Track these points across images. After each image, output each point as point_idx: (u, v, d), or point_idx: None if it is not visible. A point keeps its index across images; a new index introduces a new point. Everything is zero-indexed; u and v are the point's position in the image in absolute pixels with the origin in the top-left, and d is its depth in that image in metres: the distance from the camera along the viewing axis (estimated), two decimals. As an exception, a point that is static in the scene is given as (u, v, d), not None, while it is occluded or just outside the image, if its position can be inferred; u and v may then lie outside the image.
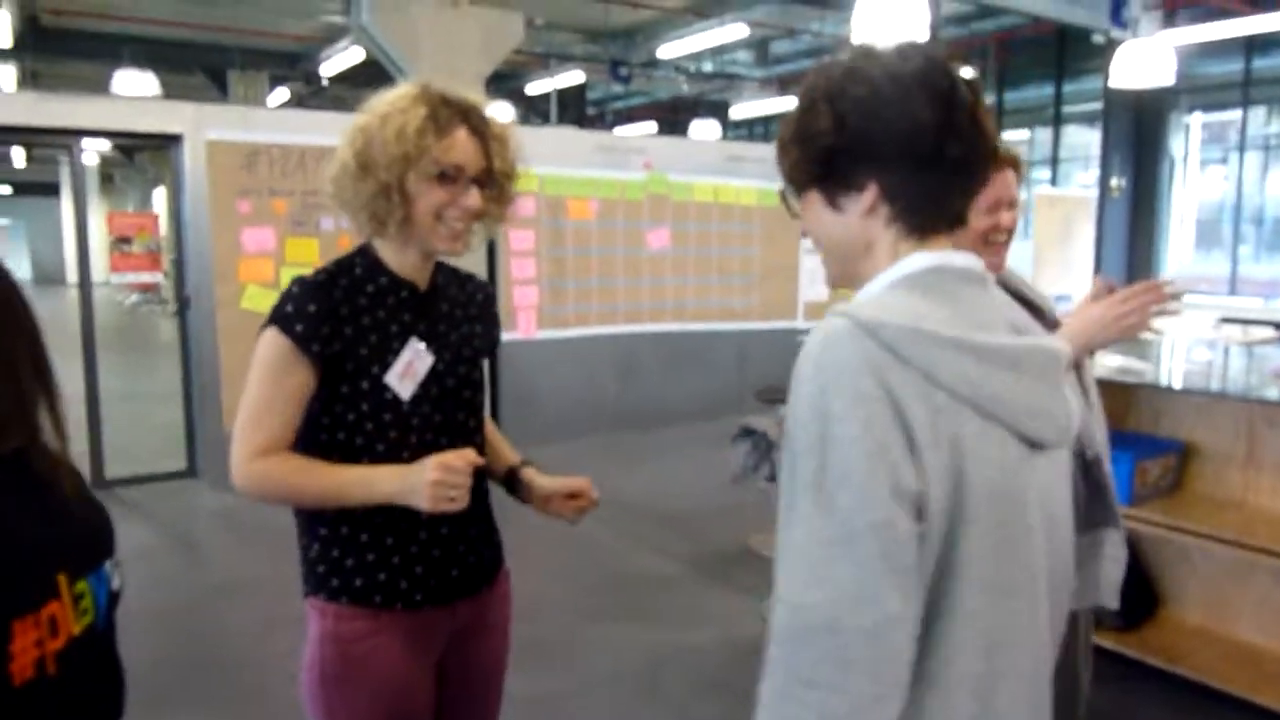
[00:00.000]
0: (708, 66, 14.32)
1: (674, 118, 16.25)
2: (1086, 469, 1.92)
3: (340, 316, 1.50)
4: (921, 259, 0.99)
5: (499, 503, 1.77)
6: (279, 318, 1.49)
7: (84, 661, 1.01)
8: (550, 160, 7.09)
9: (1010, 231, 1.94)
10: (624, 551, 4.84)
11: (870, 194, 1.00)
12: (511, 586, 1.81)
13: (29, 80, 14.10)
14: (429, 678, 1.62)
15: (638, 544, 4.90)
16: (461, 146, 1.52)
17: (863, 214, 1.01)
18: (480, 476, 1.66)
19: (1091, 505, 1.94)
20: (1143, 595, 3.53)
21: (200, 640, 3.81)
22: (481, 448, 1.68)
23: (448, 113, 1.51)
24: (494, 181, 1.58)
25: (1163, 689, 3.21)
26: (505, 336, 6.94)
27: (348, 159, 1.51)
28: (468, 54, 6.63)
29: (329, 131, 6.18)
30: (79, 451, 5.96)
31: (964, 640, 0.91)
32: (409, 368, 1.55)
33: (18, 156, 21.62)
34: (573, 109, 15.10)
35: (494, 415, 6.98)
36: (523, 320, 7.09)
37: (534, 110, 15.39)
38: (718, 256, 7.85)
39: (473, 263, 6.86)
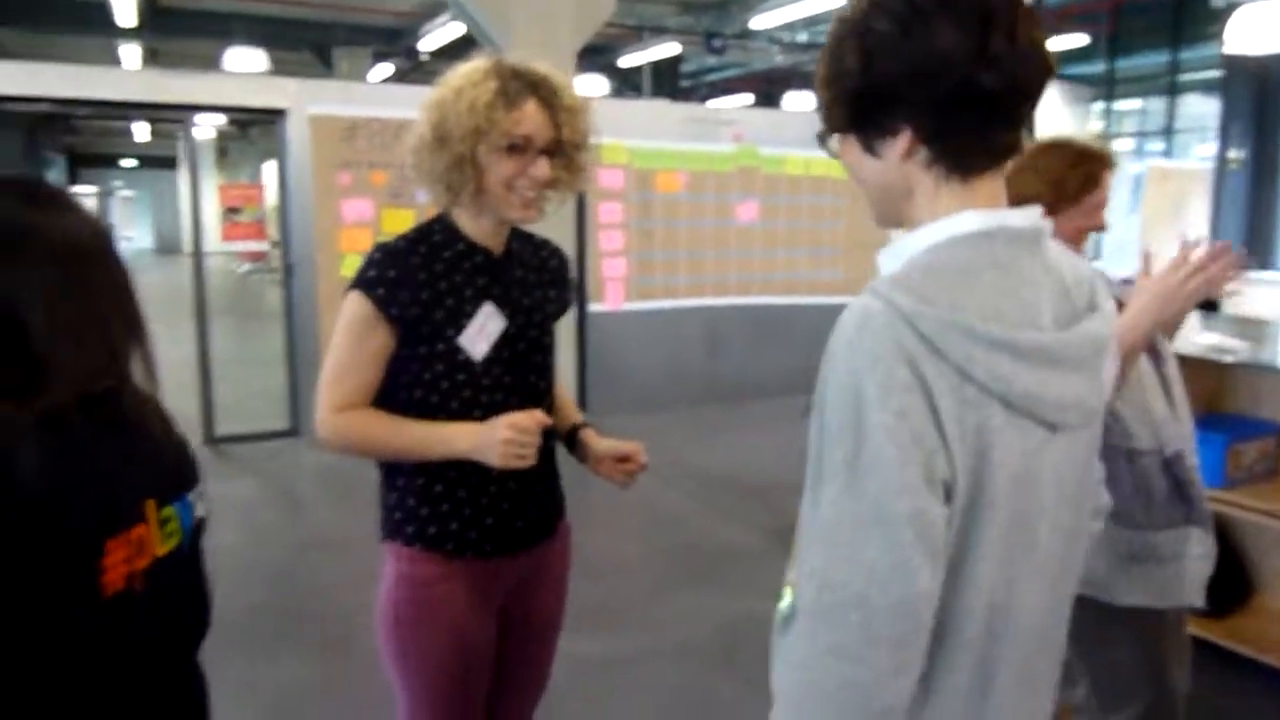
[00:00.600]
0: (802, 37, 14.08)
1: (769, 90, 16.04)
2: (1166, 465, 1.88)
3: (418, 282, 1.58)
4: (970, 220, 0.94)
5: (580, 471, 1.85)
6: (362, 281, 1.58)
7: (169, 580, 1.13)
8: (640, 133, 7.13)
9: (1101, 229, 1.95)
10: (703, 521, 4.90)
11: (905, 137, 0.95)
12: (573, 543, 1.89)
13: (150, 58, 14.80)
14: (492, 624, 1.71)
15: (718, 515, 4.95)
16: (530, 118, 1.58)
17: (900, 157, 0.96)
18: (547, 435, 1.74)
19: (1171, 503, 1.90)
20: (1234, 583, 3.41)
21: (296, 589, 4.04)
22: (550, 408, 1.76)
23: (518, 86, 1.57)
24: (564, 152, 1.64)
25: (1249, 678, 3.12)
26: (593, 308, 7.05)
27: (425, 132, 1.58)
28: (560, 27, 6.69)
29: (419, 105, 6.33)
30: (191, 410, 6.32)
31: (972, 609, 0.92)
32: (481, 330, 1.63)
33: (141, 131, 22.77)
34: (666, 82, 15.06)
35: (580, 385, 7.11)
36: (611, 292, 7.18)
37: (627, 83, 15.42)
38: (807, 229, 7.78)
39: (561, 234, 6.94)
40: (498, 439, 1.50)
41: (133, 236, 26.07)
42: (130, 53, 14.25)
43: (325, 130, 6.14)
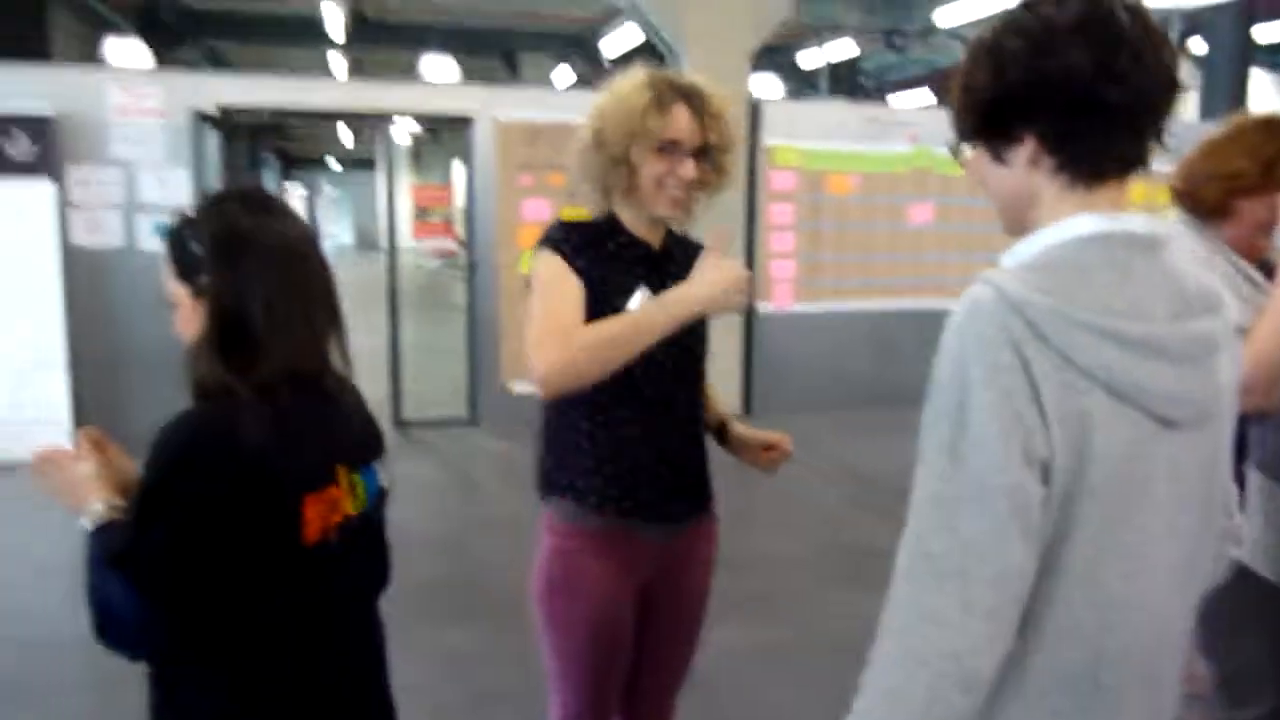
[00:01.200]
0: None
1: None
2: None
3: (590, 254, 1.73)
4: (1087, 223, 0.98)
5: (740, 467, 1.94)
6: (548, 240, 1.74)
7: (357, 536, 1.30)
8: (813, 135, 7.12)
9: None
10: (861, 522, 4.87)
11: (1030, 146, 1.00)
12: (730, 535, 1.97)
13: (355, 67, 15.92)
14: (637, 602, 1.81)
15: (877, 516, 4.90)
16: (680, 122, 1.72)
17: (1025, 166, 1.02)
18: (698, 421, 1.84)
19: None
20: None
21: (470, 564, 4.33)
22: (700, 394, 1.86)
23: (670, 93, 1.72)
24: (710, 154, 1.77)
25: None
26: (761, 308, 7.09)
27: (586, 136, 1.74)
28: (734, 29, 6.77)
29: (602, 109, 6.58)
30: (381, 395, 6.81)
31: (1071, 596, 0.95)
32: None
33: (345, 135, 24.49)
34: (845, 80, 14.85)
35: (746, 384, 7.17)
36: (779, 293, 7.21)
37: (805, 83, 15.30)
38: (984, 233, 7.52)
39: (730, 235, 6.97)
40: (732, 277, 1.61)
41: (335, 233, 28.06)
42: (338, 62, 15.39)
43: (510, 134, 6.48)
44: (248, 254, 1.21)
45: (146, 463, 1.15)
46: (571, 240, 1.73)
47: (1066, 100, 0.96)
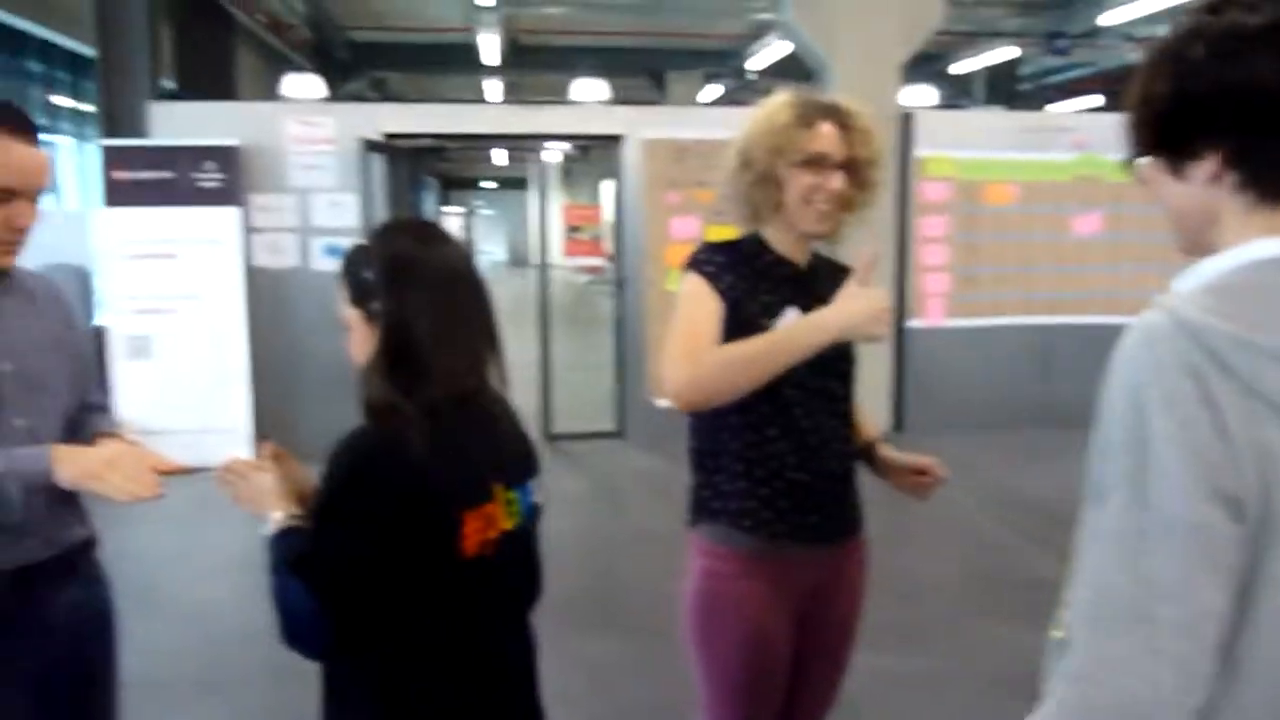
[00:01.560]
0: (1162, 32, 12.77)
1: (1121, 90, 14.69)
2: None
3: (738, 273, 1.75)
4: (1272, 245, 0.91)
5: (891, 490, 1.91)
6: (693, 263, 1.78)
7: (511, 551, 1.36)
8: (968, 144, 6.90)
9: None
10: (1020, 550, 4.66)
11: (1212, 162, 0.93)
12: (882, 559, 1.93)
13: (509, 91, 16.50)
14: (789, 625, 1.80)
15: (1036, 544, 4.68)
16: (825, 137, 1.72)
17: (1206, 182, 0.95)
18: (847, 442, 1.82)
19: None
20: None
21: (617, 576, 4.39)
22: (850, 417, 1.83)
23: (814, 110, 1.74)
24: (857, 169, 1.75)
25: None
26: (911, 324, 6.91)
27: (733, 157, 1.77)
28: (885, 39, 6.65)
29: (749, 125, 6.59)
30: (532, 408, 7.01)
31: (1255, 643, 0.88)
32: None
33: (499, 156, 25.42)
34: (1002, 87, 14.30)
35: (897, 401, 6.99)
36: (931, 307, 7.00)
37: (960, 90, 14.82)
38: (1159, 244, 7.07)
39: (880, 249, 6.83)
40: (873, 308, 1.61)
41: (489, 250, 29.10)
42: (493, 87, 15.99)
43: (657, 152, 6.57)
44: (415, 280, 1.28)
45: (323, 476, 1.24)
46: (716, 261, 1.75)
47: (1253, 113, 0.89)
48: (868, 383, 1.99)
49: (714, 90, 15.17)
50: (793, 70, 9.81)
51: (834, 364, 1.78)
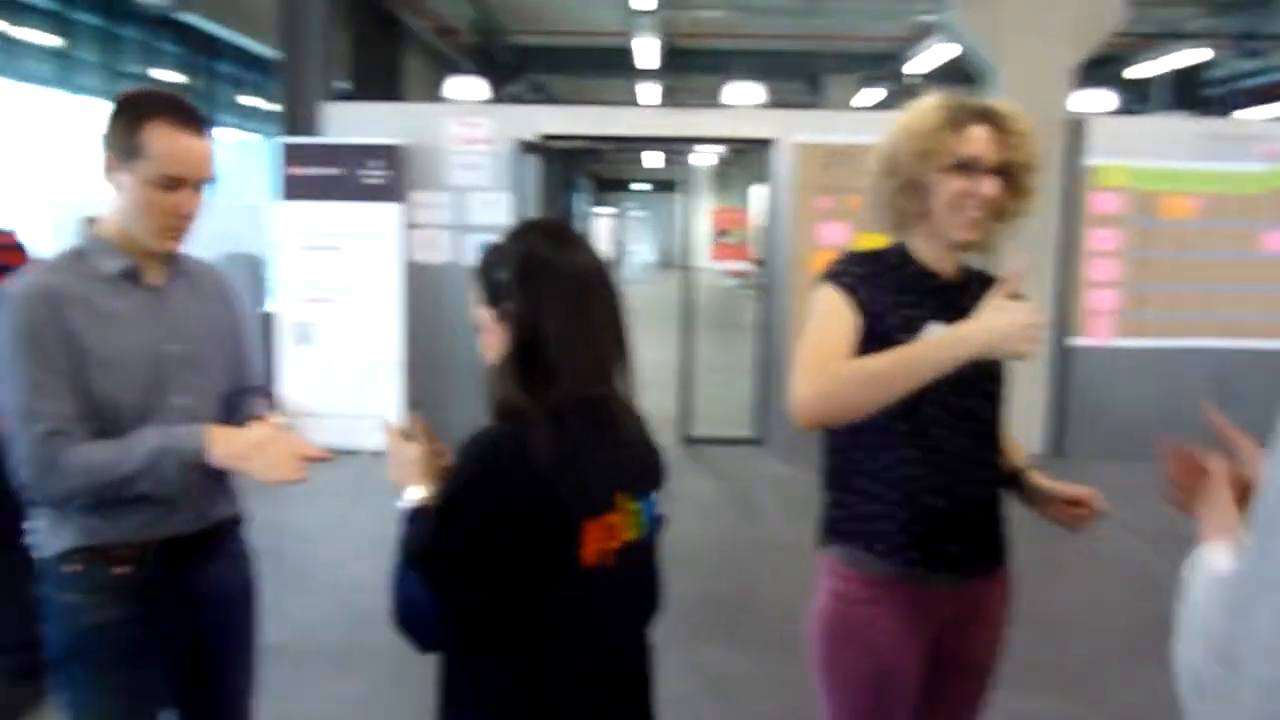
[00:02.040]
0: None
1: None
2: None
3: (879, 285, 1.66)
4: None
5: (1043, 522, 1.79)
6: (831, 274, 1.70)
7: (631, 562, 1.32)
8: (1145, 152, 6.45)
9: None
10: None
11: None
12: (1031, 595, 1.80)
13: (664, 95, 16.61)
14: (920, 655, 1.70)
15: (1206, 586, 4.32)
16: (977, 140, 1.62)
17: None
18: (993, 467, 1.70)
19: None
20: None
21: (747, 585, 4.32)
22: (997, 440, 1.72)
23: (965, 112, 1.63)
24: (1012, 175, 1.64)
25: None
26: (1075, 342, 6.52)
27: (874, 163, 1.69)
28: (1056, 42, 6.30)
29: (906, 130, 6.38)
30: (671, 411, 7.01)
31: None
32: None
33: (653, 159, 25.65)
34: (1187, 92, 13.35)
35: (1056, 425, 6.62)
36: (1097, 325, 6.59)
37: (1139, 95, 13.94)
38: (1366, 264, 6.43)
39: (1041, 262, 6.49)
40: (1019, 322, 1.48)
41: (639, 252, 29.39)
42: (646, 90, 16.14)
43: (808, 157, 6.45)
44: (546, 282, 1.27)
45: (448, 472, 1.25)
46: (854, 273, 1.67)
47: None
48: (1024, 404, 1.87)
49: (871, 94, 14.82)
50: (956, 74, 9.46)
51: (979, 383, 1.67)
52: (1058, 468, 1.79)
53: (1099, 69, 12.02)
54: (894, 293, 1.66)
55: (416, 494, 1.33)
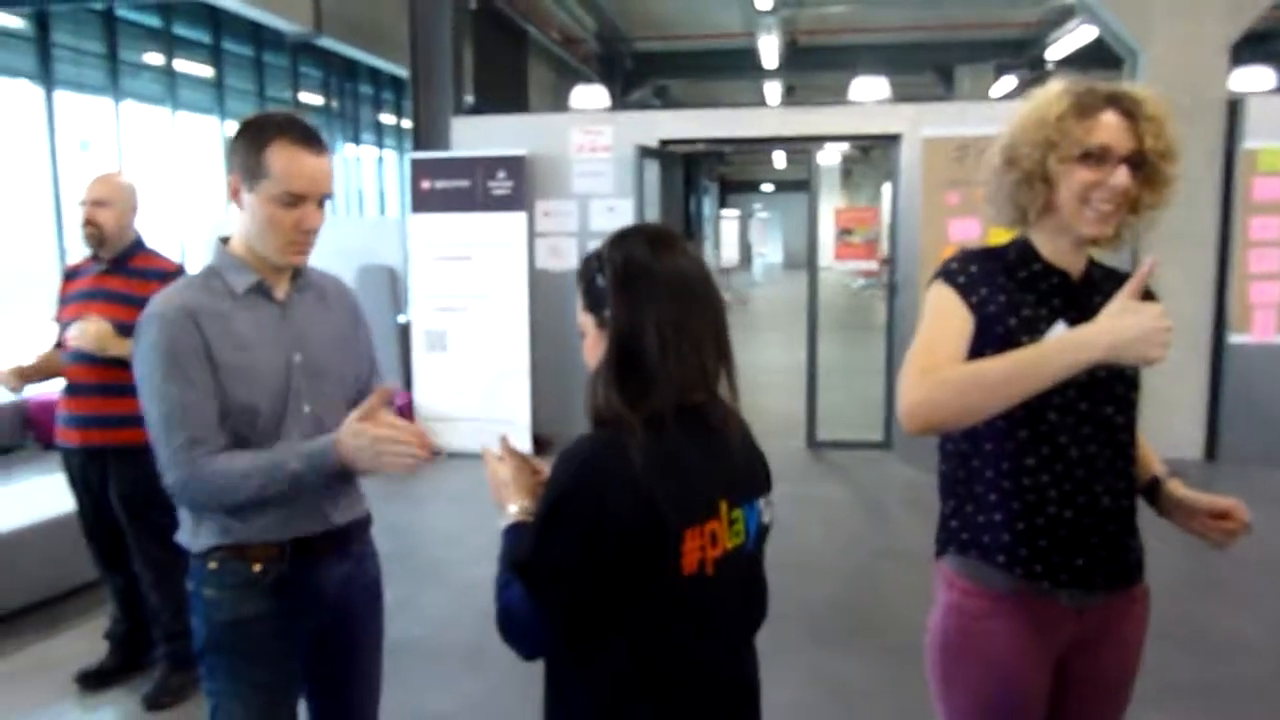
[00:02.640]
0: None
1: None
2: None
3: (997, 285, 1.58)
4: None
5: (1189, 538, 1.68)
6: (944, 272, 1.62)
7: (733, 571, 1.30)
8: (1311, 132, 5.97)
9: None
10: (1364, 608, 3.95)
11: None
12: (1180, 610, 1.69)
13: (788, 94, 16.43)
14: (1044, 674, 1.61)
15: (1387, 603, 3.95)
16: (1107, 127, 1.51)
17: None
18: (1125, 477, 1.60)
19: None
20: None
21: (871, 593, 4.21)
22: (1130, 448, 1.62)
23: (1093, 98, 1.52)
24: (1147, 164, 1.52)
25: None
26: (1235, 339, 6.11)
27: (994, 155, 1.60)
28: (1208, 18, 5.90)
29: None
30: (798, 414, 6.91)
31: None
32: None
33: (779, 159, 25.41)
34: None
35: (1211, 426, 6.20)
36: (1260, 321, 6.13)
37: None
38: None
39: (1195, 253, 6.13)
40: (1149, 325, 1.34)
41: (765, 253, 29.17)
42: (771, 90, 15.99)
43: (937, 151, 6.24)
44: (645, 288, 1.26)
45: (547, 482, 1.26)
46: (970, 272, 1.59)
47: None
48: (1175, 405, 1.74)
49: (1008, 83, 14.24)
50: (1098, 57, 8.98)
51: (1109, 386, 1.57)
52: (1211, 473, 1.66)
53: (1257, 45, 11.18)
54: (1014, 292, 1.58)
55: (513, 511, 1.35)
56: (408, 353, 6.85)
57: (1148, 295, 1.50)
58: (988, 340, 1.55)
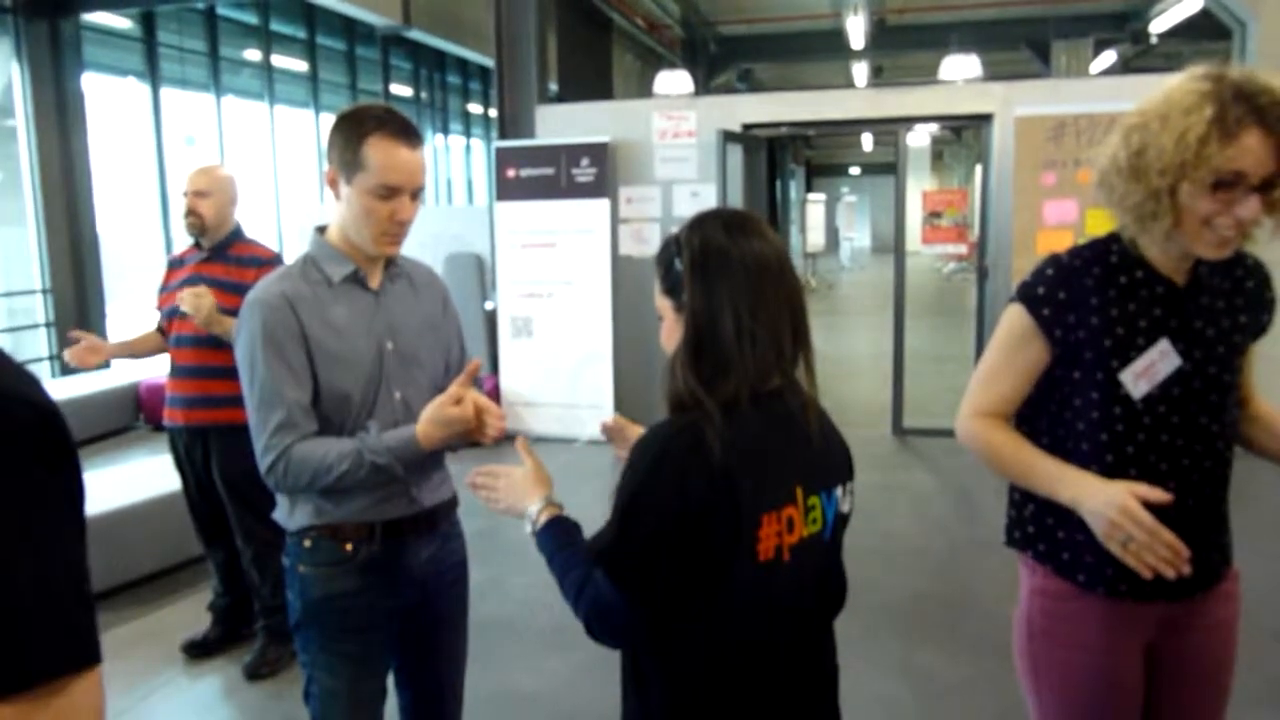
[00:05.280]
0: None
1: None
2: None
3: (1089, 306, 1.50)
4: None
5: None
6: (1028, 295, 1.55)
7: (810, 558, 1.30)
8: None
9: None
10: None
11: None
12: (1240, 587, 1.63)
13: (875, 74, 16.10)
14: (1135, 659, 1.57)
15: None
16: (1249, 152, 1.37)
17: None
18: (1220, 483, 1.54)
19: None
20: None
21: (960, 584, 4.13)
22: (1226, 454, 1.55)
23: (1239, 112, 1.36)
24: (1276, 186, 1.40)
25: None
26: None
27: (1120, 157, 1.47)
28: (1328, -14, 5.59)
29: (1139, 96, 5.82)
30: (884, 401, 6.80)
31: None
32: (1149, 369, 1.49)
33: (866, 141, 24.95)
34: None
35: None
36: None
37: None
38: None
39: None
40: (1106, 515, 1.38)
41: (853, 237, 28.71)
42: (859, 71, 15.70)
43: (1030, 130, 6.05)
44: (721, 272, 1.26)
45: (626, 468, 1.27)
46: (1057, 299, 1.51)
47: None
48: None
49: (1107, 58, 13.69)
50: (1204, 28, 8.57)
51: (1202, 396, 1.51)
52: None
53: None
54: (1110, 306, 1.50)
55: (534, 509, 1.40)
56: (494, 339, 6.97)
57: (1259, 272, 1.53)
58: (1076, 365, 1.52)
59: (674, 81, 11.62)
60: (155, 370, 6.40)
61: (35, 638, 0.73)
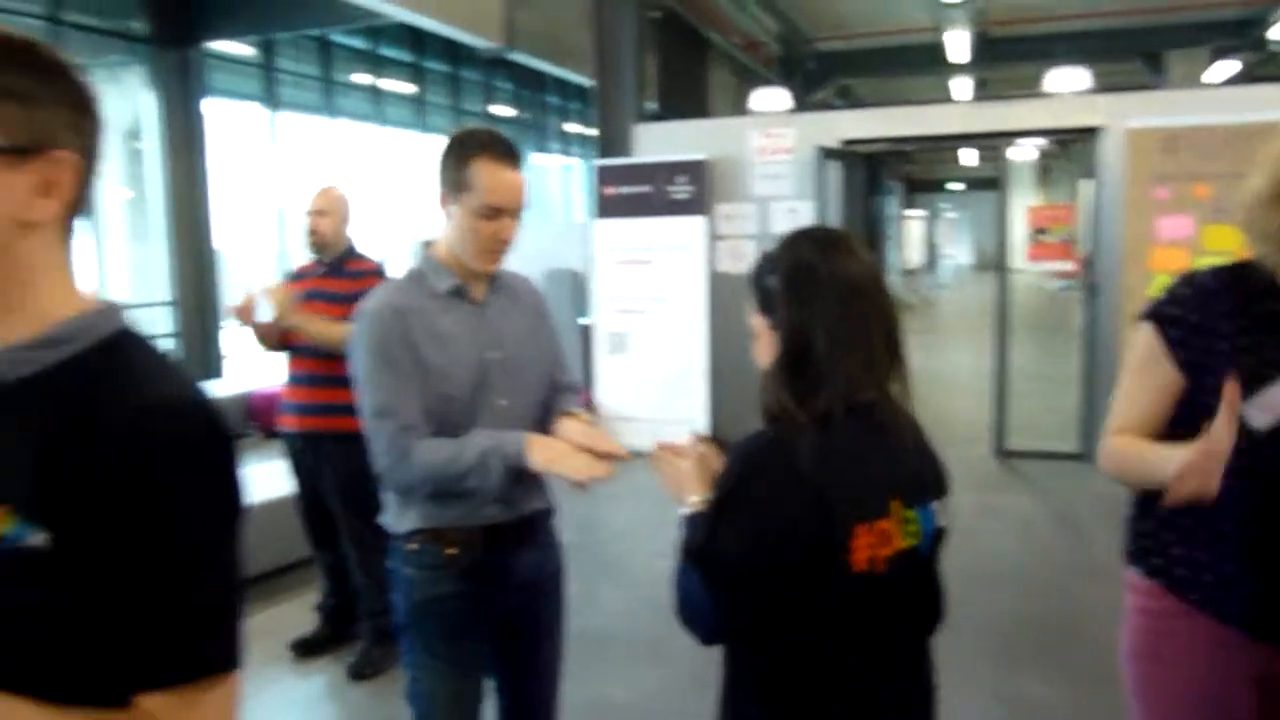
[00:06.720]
0: None
1: None
2: None
3: (1220, 333, 1.47)
4: None
5: None
6: (1160, 316, 1.52)
7: (906, 572, 1.30)
8: None
9: None
10: None
11: None
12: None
13: (978, 87, 15.77)
14: (1245, 684, 1.50)
15: None
16: None
17: None
18: None
19: None
20: None
21: (1064, 610, 3.99)
22: None
23: None
24: None
25: None
26: None
27: (1260, 187, 1.44)
28: None
29: (1259, 107, 5.58)
30: (985, 422, 6.64)
31: None
32: (1271, 403, 1.44)
33: (968, 155, 24.41)
34: None
35: None
36: None
37: None
38: None
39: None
40: (1196, 461, 1.32)
41: (954, 254, 28.09)
42: (960, 85, 15.40)
43: (1142, 144, 5.85)
44: (814, 289, 1.29)
45: (720, 475, 1.30)
46: (1188, 322, 1.48)
47: None
48: None
49: (1225, 68, 13.10)
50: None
51: None
52: None
53: None
54: (1243, 333, 1.45)
55: (694, 501, 1.40)
56: (589, 354, 7.07)
57: None
58: (1206, 392, 1.46)
59: (771, 98, 11.61)
60: (267, 380, 6.71)
61: (207, 636, 0.81)
